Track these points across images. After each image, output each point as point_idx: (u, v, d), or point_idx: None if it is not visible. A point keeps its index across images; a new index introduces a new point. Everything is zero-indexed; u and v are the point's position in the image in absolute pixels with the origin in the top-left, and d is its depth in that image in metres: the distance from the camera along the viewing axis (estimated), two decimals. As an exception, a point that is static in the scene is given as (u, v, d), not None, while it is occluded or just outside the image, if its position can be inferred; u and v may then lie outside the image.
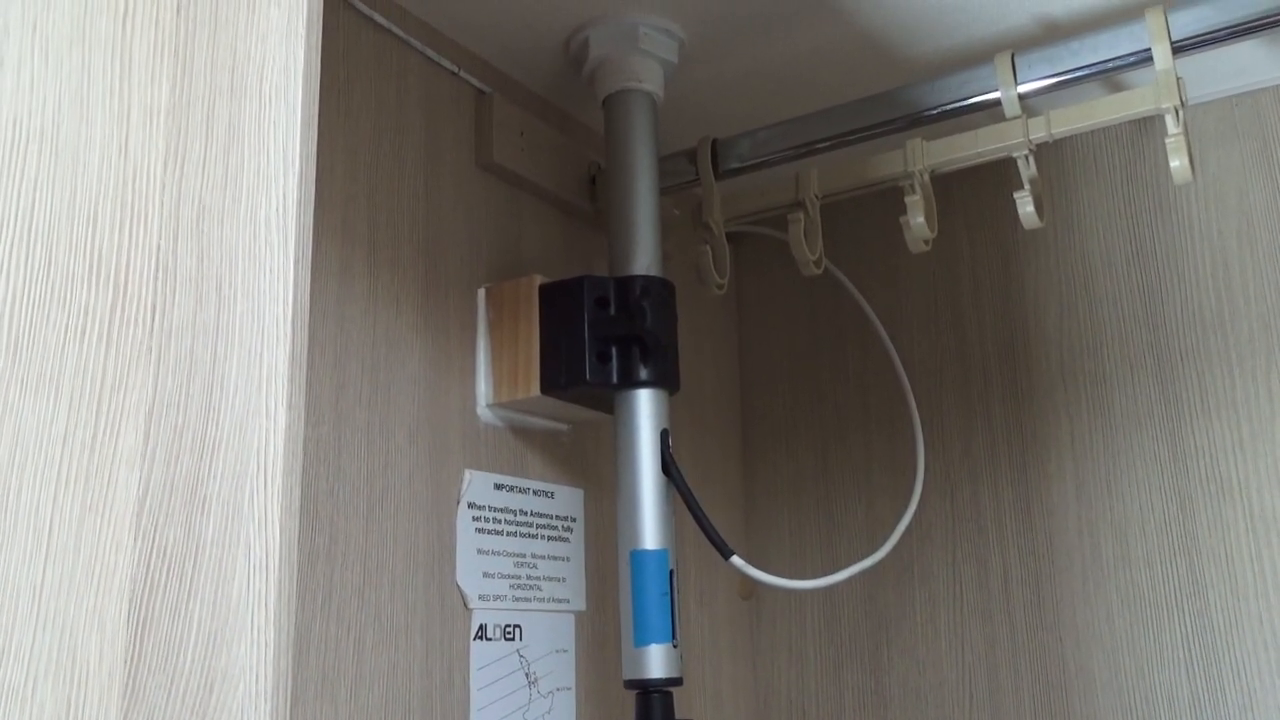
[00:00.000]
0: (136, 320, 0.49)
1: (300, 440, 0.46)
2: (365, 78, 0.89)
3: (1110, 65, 0.92)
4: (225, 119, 0.50)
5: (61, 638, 0.46)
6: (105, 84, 0.52)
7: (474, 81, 1.00)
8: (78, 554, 0.46)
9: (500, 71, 1.04)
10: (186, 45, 0.51)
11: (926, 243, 1.01)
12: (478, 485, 0.92)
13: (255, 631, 0.44)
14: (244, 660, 0.43)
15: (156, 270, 0.49)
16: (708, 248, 1.08)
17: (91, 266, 0.50)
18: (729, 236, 1.11)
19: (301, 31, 0.50)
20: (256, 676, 0.43)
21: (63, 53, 0.53)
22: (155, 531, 0.46)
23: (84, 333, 0.49)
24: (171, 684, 0.44)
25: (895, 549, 1.04)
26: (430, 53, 0.96)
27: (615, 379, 0.92)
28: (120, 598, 0.45)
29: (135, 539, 0.46)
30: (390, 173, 0.90)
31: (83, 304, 0.50)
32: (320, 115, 0.83)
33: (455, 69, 0.98)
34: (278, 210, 0.48)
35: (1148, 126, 1.17)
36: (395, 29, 0.92)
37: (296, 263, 0.47)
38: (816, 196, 1.05)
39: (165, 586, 0.45)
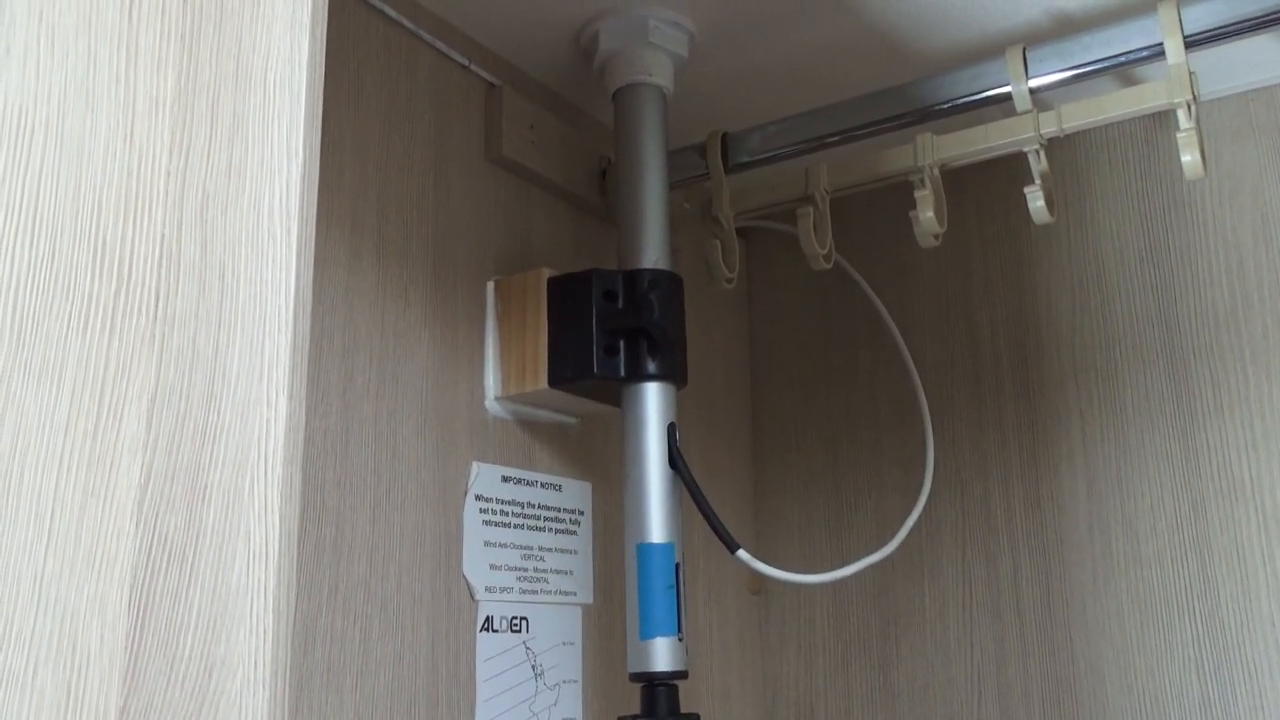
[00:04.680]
0: (140, 309, 0.49)
1: (301, 429, 0.46)
2: (375, 70, 0.89)
3: (1122, 59, 0.92)
4: (230, 109, 0.50)
5: (62, 623, 0.46)
6: (111, 73, 0.52)
7: (484, 74, 1.00)
8: (79, 541, 0.47)
9: (510, 65, 1.05)
10: (192, 35, 0.52)
11: (936, 237, 1.00)
12: (485, 477, 0.93)
13: (254, 619, 0.44)
14: (243, 647, 0.44)
15: (160, 259, 0.49)
16: (717, 242, 1.08)
17: (95, 255, 0.50)
18: (739, 231, 1.11)
19: (306, 22, 0.50)
20: (255, 663, 0.43)
21: (69, 42, 0.53)
22: (156, 519, 0.46)
23: (87, 321, 0.50)
24: (171, 669, 0.44)
25: (904, 545, 1.04)
26: (441, 45, 0.96)
27: (623, 372, 0.92)
28: (121, 584, 0.46)
29: (137, 526, 0.46)
30: (400, 165, 0.90)
31: (86, 292, 0.50)
32: (329, 107, 0.84)
33: (465, 62, 0.98)
34: (281, 200, 0.48)
35: (1162, 122, 1.16)
36: (405, 21, 0.92)
37: (299, 252, 0.48)
38: (826, 191, 1.05)
39: (166, 573, 0.45)
